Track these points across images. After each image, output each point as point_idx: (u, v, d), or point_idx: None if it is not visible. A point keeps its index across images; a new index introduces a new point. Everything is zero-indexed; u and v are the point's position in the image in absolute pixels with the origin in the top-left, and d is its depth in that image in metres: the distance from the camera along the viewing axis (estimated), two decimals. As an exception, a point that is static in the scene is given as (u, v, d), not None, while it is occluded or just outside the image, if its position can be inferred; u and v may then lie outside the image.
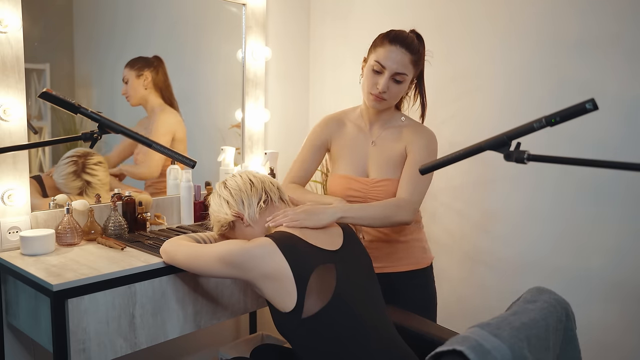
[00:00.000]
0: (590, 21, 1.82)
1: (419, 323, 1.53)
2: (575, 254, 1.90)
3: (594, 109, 0.94)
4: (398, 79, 1.62)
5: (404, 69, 1.61)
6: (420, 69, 1.69)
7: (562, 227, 1.93)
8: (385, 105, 1.67)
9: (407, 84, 1.66)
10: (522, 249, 2.03)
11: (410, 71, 1.63)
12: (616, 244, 1.81)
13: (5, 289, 1.68)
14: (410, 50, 1.61)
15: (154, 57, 2.14)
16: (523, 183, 2.01)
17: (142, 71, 2.10)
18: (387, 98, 1.65)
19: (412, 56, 1.62)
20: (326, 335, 1.28)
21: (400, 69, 1.61)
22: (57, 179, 1.91)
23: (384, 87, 1.62)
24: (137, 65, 2.10)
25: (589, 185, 1.86)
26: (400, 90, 1.65)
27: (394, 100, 1.68)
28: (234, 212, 1.45)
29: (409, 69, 1.62)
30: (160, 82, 2.16)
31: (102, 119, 1.34)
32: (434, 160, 1.21)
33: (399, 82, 1.63)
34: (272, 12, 2.54)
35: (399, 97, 1.68)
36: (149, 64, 2.13)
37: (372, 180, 1.71)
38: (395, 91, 1.64)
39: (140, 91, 2.11)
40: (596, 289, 1.86)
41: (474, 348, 0.98)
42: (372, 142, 1.75)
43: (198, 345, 2.38)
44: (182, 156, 1.42)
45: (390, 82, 1.62)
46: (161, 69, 2.16)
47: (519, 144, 1.06)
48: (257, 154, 2.49)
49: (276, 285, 1.28)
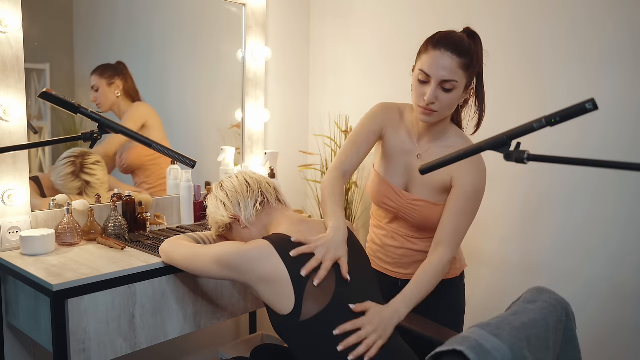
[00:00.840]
0: (591, 21, 1.82)
1: (419, 323, 1.53)
2: (575, 254, 1.90)
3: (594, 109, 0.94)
4: (447, 87, 1.44)
5: (452, 75, 1.43)
6: (475, 73, 1.50)
7: (562, 227, 1.93)
8: (436, 117, 1.49)
9: (459, 91, 1.46)
10: (522, 249, 2.03)
11: (461, 77, 1.44)
12: (616, 244, 1.81)
13: (5, 289, 1.68)
14: (458, 52, 1.43)
15: (117, 62, 2.12)
16: (523, 183, 2.01)
17: (113, 80, 2.10)
18: (438, 109, 1.47)
19: (462, 59, 1.43)
20: (325, 337, 1.27)
21: (447, 76, 1.42)
22: (55, 180, 1.91)
23: (431, 97, 1.44)
24: (106, 73, 2.10)
25: (589, 186, 1.86)
26: (452, 100, 1.47)
27: (447, 111, 1.49)
28: (231, 214, 1.45)
29: (458, 74, 1.43)
30: (130, 89, 2.15)
31: (102, 119, 1.34)
32: (434, 160, 1.21)
33: (449, 91, 1.44)
34: (272, 12, 2.54)
35: (452, 108, 1.50)
36: (117, 71, 2.11)
37: (409, 197, 1.58)
38: (445, 101, 1.45)
39: (112, 98, 2.11)
40: (596, 288, 1.86)
41: (474, 348, 0.98)
42: (417, 155, 1.58)
43: (198, 345, 2.38)
44: (182, 156, 1.42)
45: (438, 91, 1.44)
46: (128, 75, 2.15)
47: (519, 144, 1.06)
48: (257, 154, 2.49)
49: (273, 288, 1.27)
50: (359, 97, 2.53)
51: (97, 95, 2.08)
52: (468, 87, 1.50)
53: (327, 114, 2.65)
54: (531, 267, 2.01)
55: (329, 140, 2.57)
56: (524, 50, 1.98)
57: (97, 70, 2.06)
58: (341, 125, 2.51)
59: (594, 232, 1.86)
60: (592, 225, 1.86)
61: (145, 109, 2.20)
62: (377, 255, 1.72)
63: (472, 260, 2.17)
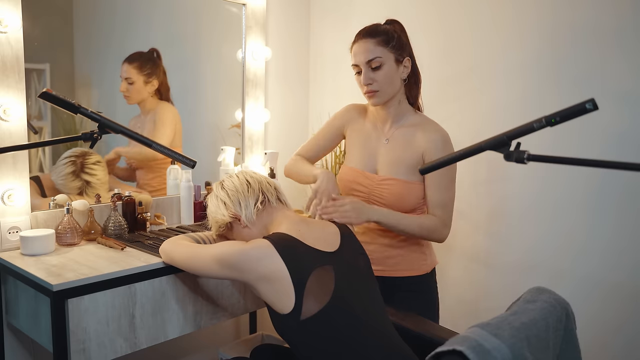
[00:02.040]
0: (591, 20, 1.82)
1: (419, 323, 1.53)
2: (575, 254, 1.90)
3: (594, 109, 0.94)
4: (374, 66, 1.59)
5: (373, 53, 1.58)
6: (399, 47, 1.61)
7: (562, 228, 1.93)
8: (382, 96, 1.63)
9: (389, 66, 1.59)
10: (522, 250, 2.03)
11: (382, 52, 1.58)
12: (616, 244, 1.81)
13: (5, 289, 1.68)
14: (371, 35, 1.60)
15: (152, 50, 2.10)
16: (523, 183, 2.01)
17: (151, 78, 2.07)
18: (378, 88, 1.61)
19: (376, 38, 1.59)
20: (325, 336, 1.28)
21: (369, 56, 1.58)
22: (56, 180, 1.91)
23: (365, 79, 1.60)
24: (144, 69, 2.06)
25: (588, 186, 1.86)
26: (386, 75, 1.59)
27: (387, 86, 1.61)
28: (231, 213, 1.45)
29: (378, 50, 1.58)
30: (163, 85, 2.15)
31: (102, 119, 1.34)
32: (434, 160, 1.21)
33: (378, 68, 1.59)
34: (272, 12, 2.54)
35: (392, 82, 1.61)
36: (154, 65, 2.09)
37: (378, 177, 1.68)
38: (380, 78, 1.59)
39: (143, 95, 2.09)
40: (596, 288, 1.86)
41: (474, 348, 0.98)
42: (385, 140, 1.70)
43: (198, 345, 2.38)
44: (182, 156, 1.42)
45: (370, 73, 1.60)
46: (162, 68, 2.15)
47: (519, 144, 1.06)
48: (257, 154, 2.49)
49: (274, 287, 1.28)
50: (359, 97, 2.52)
51: (130, 88, 2.05)
52: (399, 60, 1.62)
53: (327, 114, 2.65)
54: (531, 267, 2.01)
55: (329, 140, 2.57)
56: (525, 50, 1.98)
57: (134, 62, 2.04)
58: (341, 125, 2.51)
59: (593, 232, 1.86)
60: (592, 225, 1.86)
61: (176, 112, 2.21)
62: None
63: (471, 261, 2.17)
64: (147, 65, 2.07)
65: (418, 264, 1.70)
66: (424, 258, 1.72)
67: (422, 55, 2.23)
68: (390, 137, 1.69)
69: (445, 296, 2.24)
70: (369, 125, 1.75)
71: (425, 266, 1.71)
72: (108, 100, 2.09)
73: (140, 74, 2.05)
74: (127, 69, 2.05)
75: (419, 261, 1.71)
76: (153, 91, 2.10)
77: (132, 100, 2.10)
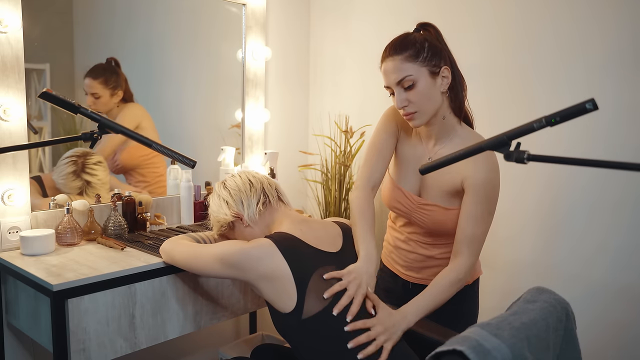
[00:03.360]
0: (592, 20, 1.82)
1: (418, 323, 1.53)
2: (575, 254, 1.90)
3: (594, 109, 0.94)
4: (406, 85, 1.41)
5: (402, 72, 1.41)
6: (434, 58, 1.42)
7: (562, 228, 1.93)
8: (421, 117, 1.45)
9: (423, 82, 1.41)
10: (522, 249, 2.03)
11: (412, 68, 1.40)
12: (615, 244, 1.81)
13: (5, 289, 1.68)
14: (397, 51, 1.42)
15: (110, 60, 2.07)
16: (523, 183, 2.01)
17: (116, 90, 2.06)
18: (415, 109, 1.43)
19: (403, 54, 1.41)
20: (326, 336, 1.28)
21: (398, 76, 1.41)
22: (56, 179, 1.91)
23: (399, 102, 1.43)
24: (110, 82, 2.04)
25: (589, 186, 1.86)
26: (421, 93, 1.41)
27: (425, 106, 1.43)
28: (233, 212, 1.45)
29: (408, 67, 1.40)
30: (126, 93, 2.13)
31: (102, 119, 1.34)
32: (435, 160, 1.21)
33: (411, 87, 1.41)
34: (272, 12, 2.54)
35: (429, 100, 1.43)
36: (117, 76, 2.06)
37: (419, 201, 1.54)
38: (415, 98, 1.41)
39: (111, 106, 2.08)
40: (596, 288, 1.86)
41: (474, 348, 0.98)
42: (429, 159, 1.53)
43: (198, 345, 2.38)
44: (182, 156, 1.42)
45: (403, 94, 1.42)
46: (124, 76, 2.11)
47: (519, 144, 1.06)
48: (257, 154, 2.49)
49: (275, 286, 1.28)
50: (359, 97, 2.53)
51: (97, 101, 2.03)
52: (435, 73, 1.42)
53: (327, 114, 2.65)
54: (531, 268, 2.01)
55: (329, 140, 2.57)
56: (525, 50, 1.98)
57: (98, 77, 2.02)
58: (341, 125, 2.51)
59: (593, 232, 1.86)
60: (592, 225, 1.86)
61: (139, 110, 2.18)
62: (390, 255, 1.72)
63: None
64: (111, 79, 2.05)
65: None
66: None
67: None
68: (433, 156, 1.52)
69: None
70: (415, 138, 1.58)
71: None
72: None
73: (106, 88, 2.05)
74: (92, 84, 2.02)
75: None
76: (118, 101, 2.09)
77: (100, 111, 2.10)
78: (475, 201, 1.45)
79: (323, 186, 2.48)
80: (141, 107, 2.19)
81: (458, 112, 1.50)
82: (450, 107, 1.49)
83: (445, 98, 1.47)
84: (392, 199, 1.60)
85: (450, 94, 1.47)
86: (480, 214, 1.45)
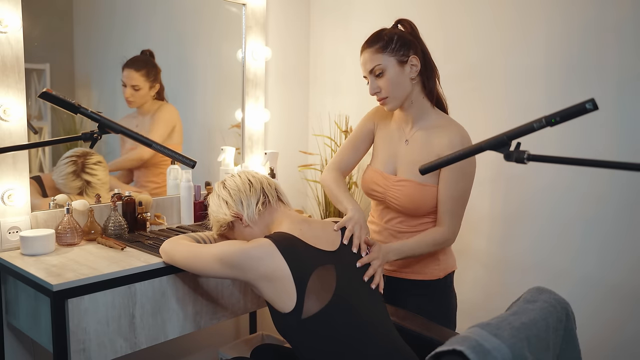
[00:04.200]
0: (593, 20, 1.82)
1: (419, 323, 1.53)
2: (574, 254, 1.90)
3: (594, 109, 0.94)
4: (377, 74, 1.58)
5: (373, 62, 1.58)
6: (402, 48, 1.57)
7: (562, 228, 1.93)
8: (393, 101, 1.61)
9: (392, 71, 1.57)
10: (522, 250, 2.03)
11: (381, 59, 1.56)
12: (615, 243, 1.81)
13: (5, 289, 1.68)
14: (369, 44, 1.59)
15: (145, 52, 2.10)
16: (522, 183, 2.01)
17: (155, 83, 2.08)
18: (386, 94, 1.59)
19: (374, 46, 1.58)
20: (326, 336, 1.28)
21: (370, 66, 1.58)
22: (56, 179, 1.91)
23: (371, 89, 1.60)
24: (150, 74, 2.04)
25: (588, 186, 1.86)
26: (390, 80, 1.57)
27: (394, 91, 1.59)
28: (233, 212, 1.45)
29: (377, 58, 1.57)
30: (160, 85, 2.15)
31: (102, 119, 1.34)
32: (435, 160, 1.21)
33: (381, 75, 1.58)
34: (272, 12, 2.54)
35: (398, 86, 1.58)
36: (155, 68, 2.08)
37: (394, 179, 1.66)
38: (385, 85, 1.58)
39: (147, 99, 2.09)
40: (596, 288, 1.86)
41: (474, 348, 0.98)
42: (405, 141, 1.67)
43: (198, 345, 2.38)
44: (182, 156, 1.42)
45: (374, 81, 1.60)
46: (158, 67, 2.15)
47: (519, 144, 1.06)
48: (257, 154, 2.49)
49: (275, 286, 1.28)
50: (359, 97, 2.53)
51: (136, 94, 2.05)
52: (403, 62, 1.58)
53: (327, 114, 2.65)
54: (531, 267, 2.01)
55: (329, 140, 2.57)
56: (526, 50, 1.98)
57: (141, 69, 2.04)
58: (341, 125, 2.51)
59: (593, 232, 1.86)
60: (592, 225, 1.86)
61: (175, 113, 2.22)
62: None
63: (471, 261, 2.17)
64: (152, 71, 2.08)
65: (430, 269, 1.67)
66: (437, 263, 1.68)
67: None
68: (410, 139, 1.66)
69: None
70: (394, 126, 1.72)
71: (437, 271, 1.68)
72: (108, 100, 2.09)
73: (147, 81, 2.07)
74: (133, 76, 2.05)
75: (431, 266, 1.68)
76: (155, 94, 2.11)
77: (135, 104, 2.10)
78: (452, 178, 1.58)
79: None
80: (175, 109, 2.22)
81: (430, 96, 1.64)
82: (422, 92, 1.64)
83: (416, 84, 1.62)
84: (369, 181, 1.73)
85: (421, 80, 1.63)
86: (458, 189, 1.59)
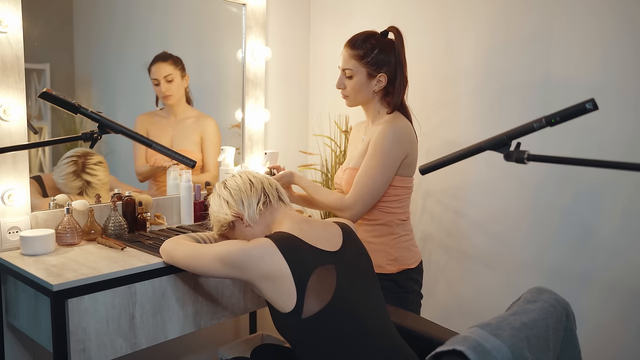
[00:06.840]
0: (591, 20, 1.82)
1: (419, 323, 1.53)
2: (574, 254, 1.90)
3: (594, 109, 0.94)
4: (347, 75, 1.72)
5: (346, 64, 1.71)
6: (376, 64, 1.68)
7: (562, 227, 1.93)
8: (350, 101, 1.76)
9: (359, 79, 1.70)
10: (522, 249, 2.03)
11: (355, 66, 1.69)
12: (615, 243, 1.81)
13: (5, 289, 1.68)
14: (351, 46, 1.70)
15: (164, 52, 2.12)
16: (522, 183, 2.01)
17: (184, 72, 2.06)
18: (347, 94, 1.74)
19: (354, 51, 1.69)
20: (326, 336, 1.28)
21: (343, 65, 1.72)
22: (57, 179, 1.91)
23: (338, 83, 1.75)
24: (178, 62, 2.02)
25: (588, 185, 1.86)
26: (354, 85, 1.71)
27: (354, 95, 1.73)
28: (234, 212, 1.45)
29: (352, 63, 1.69)
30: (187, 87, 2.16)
31: (102, 119, 1.34)
32: (435, 160, 1.21)
33: (350, 78, 1.71)
34: (272, 12, 2.54)
35: (359, 92, 1.72)
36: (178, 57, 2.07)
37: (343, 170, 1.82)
38: (350, 87, 1.72)
39: (182, 91, 2.06)
40: (596, 288, 1.86)
41: (474, 348, 0.98)
42: (362, 139, 1.82)
43: (198, 345, 2.38)
44: (182, 156, 1.42)
45: (344, 79, 1.73)
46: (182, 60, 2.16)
47: (518, 144, 1.06)
48: (257, 154, 2.49)
49: (275, 286, 1.28)
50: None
51: (170, 86, 2.02)
52: (372, 75, 1.70)
53: (327, 114, 2.65)
54: (531, 267, 2.01)
55: (329, 140, 2.57)
56: (524, 50, 1.98)
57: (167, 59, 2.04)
58: (341, 125, 2.51)
59: (593, 231, 1.86)
60: (592, 225, 1.86)
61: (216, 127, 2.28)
62: None
63: (471, 260, 2.17)
64: (178, 61, 2.08)
65: (382, 263, 1.73)
66: (391, 259, 1.73)
67: (422, 54, 2.24)
68: (366, 136, 1.79)
69: (444, 296, 2.25)
70: (362, 128, 1.87)
71: (390, 267, 1.73)
72: (108, 100, 2.09)
73: (177, 69, 2.06)
74: (163, 68, 2.04)
75: (384, 260, 1.73)
76: (187, 85, 2.08)
77: (174, 98, 2.07)
78: (368, 154, 1.69)
79: (323, 186, 2.47)
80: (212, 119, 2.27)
81: (390, 106, 1.75)
82: (382, 101, 1.76)
83: (377, 94, 1.74)
84: (335, 178, 1.89)
85: (382, 93, 1.74)
86: (368, 166, 1.68)
